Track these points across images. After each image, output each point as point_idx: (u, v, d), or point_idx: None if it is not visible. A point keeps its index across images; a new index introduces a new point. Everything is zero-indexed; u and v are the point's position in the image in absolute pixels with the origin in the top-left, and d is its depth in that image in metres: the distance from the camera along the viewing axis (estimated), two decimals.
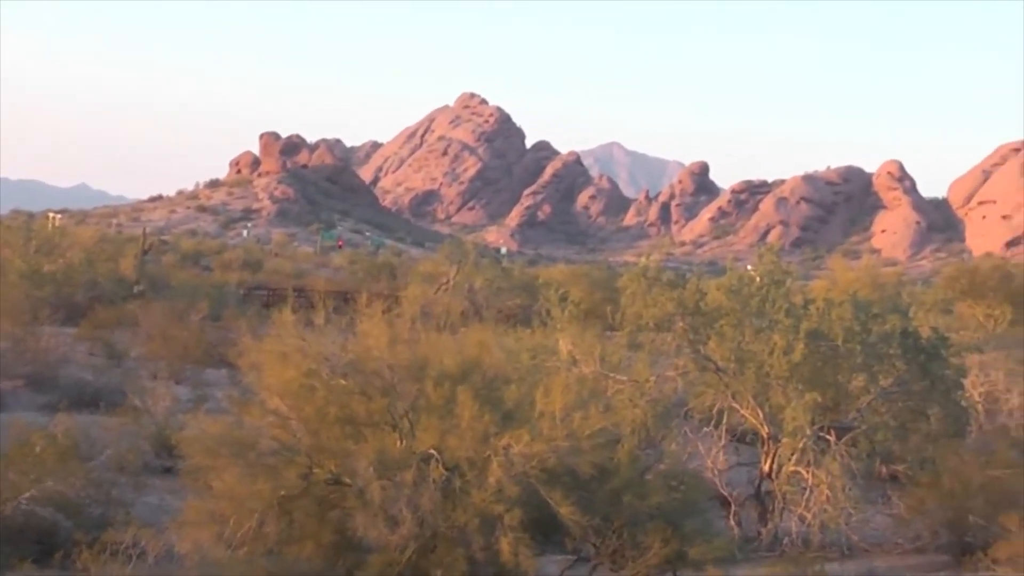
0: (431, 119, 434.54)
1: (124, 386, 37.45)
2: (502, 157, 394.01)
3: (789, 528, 27.35)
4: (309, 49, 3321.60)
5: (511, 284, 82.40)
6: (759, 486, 29.15)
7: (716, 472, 28.71)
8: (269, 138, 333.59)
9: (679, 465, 24.91)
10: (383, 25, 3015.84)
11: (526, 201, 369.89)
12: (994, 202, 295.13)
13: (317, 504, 19.84)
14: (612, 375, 30.44)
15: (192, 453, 20.76)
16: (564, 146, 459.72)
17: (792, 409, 27.35)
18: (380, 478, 18.91)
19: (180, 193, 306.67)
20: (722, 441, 29.62)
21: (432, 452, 19.21)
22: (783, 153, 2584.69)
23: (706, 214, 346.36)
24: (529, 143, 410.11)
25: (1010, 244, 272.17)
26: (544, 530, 19.97)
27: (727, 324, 29.51)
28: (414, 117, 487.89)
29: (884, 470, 32.20)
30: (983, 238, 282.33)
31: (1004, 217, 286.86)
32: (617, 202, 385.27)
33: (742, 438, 31.26)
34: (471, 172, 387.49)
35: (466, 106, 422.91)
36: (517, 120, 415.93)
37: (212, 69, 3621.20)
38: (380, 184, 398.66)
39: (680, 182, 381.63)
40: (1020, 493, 26.86)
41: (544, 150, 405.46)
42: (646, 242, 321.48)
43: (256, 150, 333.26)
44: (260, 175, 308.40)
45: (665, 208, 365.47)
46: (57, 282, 65.97)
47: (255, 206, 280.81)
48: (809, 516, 26.82)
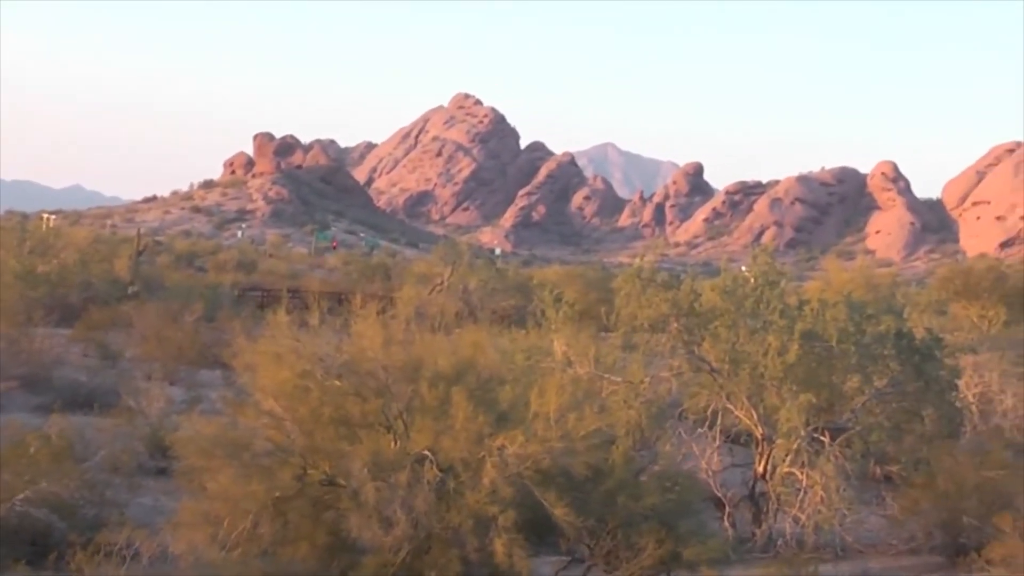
0: (425, 120, 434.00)
1: (118, 387, 37.45)
2: (496, 158, 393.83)
3: (783, 529, 27.38)
4: (303, 50, 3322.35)
5: (505, 285, 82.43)
6: (753, 487, 29.17)
7: (710, 473, 28.74)
8: (263, 139, 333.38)
9: (673, 466, 24.95)
10: (378, 26, 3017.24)
11: (520, 202, 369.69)
12: (988, 203, 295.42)
13: (311, 505, 19.85)
14: (607, 376, 30.46)
15: (186, 454, 20.76)
16: (558, 147, 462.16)
17: (786, 410, 27.37)
18: (374, 479, 18.92)
19: (174, 194, 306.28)
20: (716, 442, 29.64)
21: (426, 453, 19.22)
22: (777, 154, 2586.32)
23: (700, 215, 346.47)
24: (523, 144, 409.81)
25: (1004, 245, 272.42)
26: (538, 531, 19.99)
27: (722, 325, 29.53)
28: (408, 118, 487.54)
29: (878, 471, 32.29)
30: (977, 239, 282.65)
31: (998, 218, 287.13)
32: (611, 203, 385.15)
33: (736, 439, 31.28)
34: (465, 173, 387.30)
35: (460, 107, 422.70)
36: (511, 121, 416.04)
37: (207, 70, 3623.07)
38: (374, 185, 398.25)
39: (674, 183, 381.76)
40: (1014, 494, 26.94)
41: (538, 151, 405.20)
42: (640, 243, 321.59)
43: (250, 151, 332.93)
44: (254, 176, 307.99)
45: (659, 209, 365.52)
46: (51, 283, 65.86)
47: (249, 207, 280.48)
48: (803, 517, 26.84)
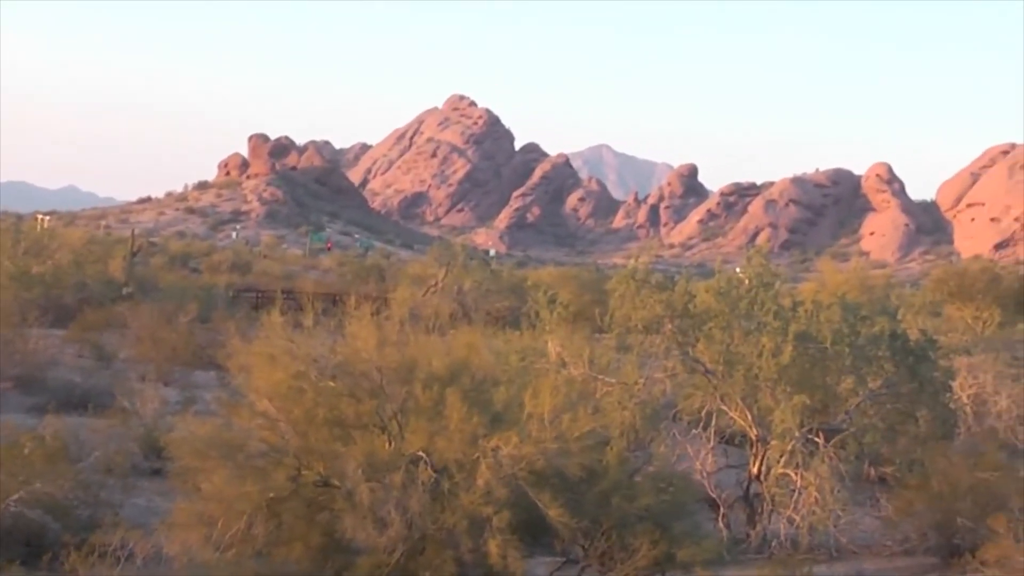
0: (420, 121, 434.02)
1: (113, 388, 37.44)
2: (491, 159, 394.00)
3: (778, 530, 27.37)
4: (299, 51, 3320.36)
5: (500, 286, 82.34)
6: (748, 488, 29.16)
7: (705, 474, 28.74)
8: (258, 140, 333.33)
9: (668, 467, 24.91)
10: (373, 27, 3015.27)
11: (515, 203, 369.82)
12: (983, 204, 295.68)
13: (306, 506, 19.84)
14: (601, 377, 30.44)
15: (181, 455, 20.75)
16: (553, 148, 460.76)
17: (781, 411, 27.37)
18: (369, 480, 18.92)
19: (169, 195, 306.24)
20: (711, 443, 29.63)
21: (421, 454, 19.22)
22: (772, 155, 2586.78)
23: (695, 216, 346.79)
24: (518, 145, 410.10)
25: (999, 246, 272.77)
26: (533, 532, 19.98)
27: (716, 326, 29.53)
28: (403, 119, 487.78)
29: (872, 472, 32.26)
30: (972, 240, 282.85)
31: (993, 219, 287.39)
32: (606, 204, 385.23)
33: (731, 440, 31.28)
34: (460, 174, 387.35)
35: (455, 108, 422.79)
36: (506, 122, 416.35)
37: (202, 71, 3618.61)
38: (369, 186, 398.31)
39: (669, 184, 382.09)
40: (1008, 495, 26.95)
41: (533, 152, 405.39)
42: (635, 244, 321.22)
43: (245, 152, 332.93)
44: (249, 177, 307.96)
45: (654, 210, 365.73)
46: (46, 284, 65.76)
47: (244, 208, 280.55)
48: (798, 518, 26.84)
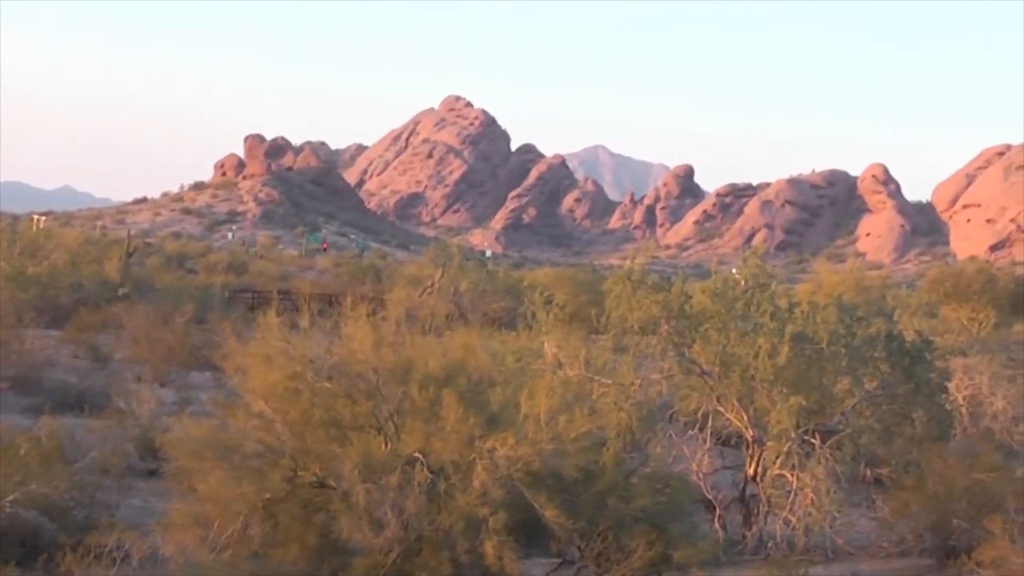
0: (416, 122, 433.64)
1: (109, 389, 37.39)
2: (487, 160, 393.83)
3: (774, 531, 27.38)
4: (294, 52, 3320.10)
5: (496, 287, 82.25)
6: (744, 489, 29.17)
7: (701, 475, 28.74)
8: (254, 140, 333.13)
9: (664, 468, 24.93)
10: (369, 27, 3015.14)
11: (511, 204, 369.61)
12: (978, 205, 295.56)
13: (302, 507, 19.83)
14: (597, 378, 30.44)
15: (177, 456, 20.74)
16: (549, 149, 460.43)
17: (777, 412, 27.38)
18: (365, 481, 18.90)
19: (165, 195, 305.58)
20: (707, 444, 29.63)
21: (417, 455, 19.21)
22: (768, 156, 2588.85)
23: (691, 217, 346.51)
24: (514, 146, 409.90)
25: (994, 248, 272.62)
26: (529, 533, 19.98)
27: (712, 327, 29.52)
28: (399, 120, 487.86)
29: (868, 473, 32.30)
30: (967, 241, 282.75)
31: (988, 221, 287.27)
32: (602, 205, 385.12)
33: (727, 441, 31.30)
34: (456, 175, 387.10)
35: (451, 109, 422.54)
36: (502, 123, 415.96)
37: (198, 72, 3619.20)
38: (365, 187, 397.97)
39: (665, 185, 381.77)
40: (1004, 496, 26.96)
41: (529, 153, 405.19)
42: (631, 245, 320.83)
43: (241, 152, 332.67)
44: (245, 177, 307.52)
45: (650, 211, 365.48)
46: (41, 284, 65.67)
47: (240, 208, 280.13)
48: (794, 519, 26.85)
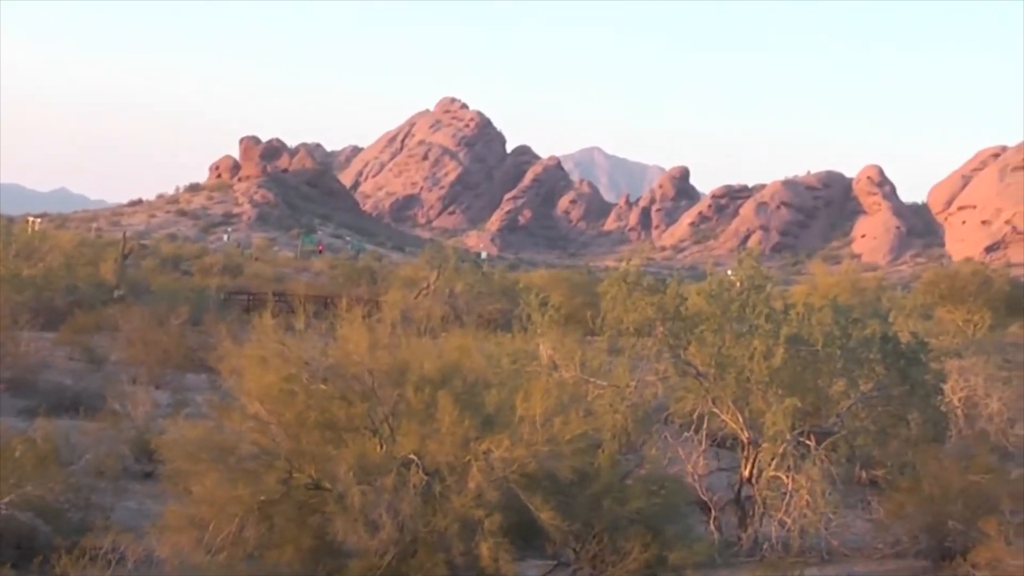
0: (412, 124, 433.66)
1: (104, 391, 37.34)
2: (482, 162, 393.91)
3: (769, 533, 27.36)
4: (290, 54, 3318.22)
5: (491, 289, 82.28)
6: (739, 491, 29.15)
7: (696, 477, 28.72)
8: (249, 142, 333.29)
9: (659, 470, 24.94)
10: (364, 29, 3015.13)
11: (507, 206, 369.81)
12: (974, 207, 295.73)
13: (297, 509, 19.81)
14: (592, 380, 30.42)
15: (172, 458, 20.71)
16: (545, 151, 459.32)
17: (772, 414, 27.35)
18: (360, 483, 18.89)
19: (160, 197, 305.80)
20: (702, 446, 29.62)
21: (412, 457, 19.19)
22: (763, 158, 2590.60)
23: (686, 219, 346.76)
24: (510, 148, 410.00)
25: (989, 249, 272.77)
26: (524, 535, 19.96)
27: (707, 329, 29.50)
28: (395, 122, 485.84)
29: (864, 475, 32.30)
30: (963, 243, 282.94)
31: (984, 222, 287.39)
32: (598, 207, 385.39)
33: (722, 443, 31.29)
34: (452, 177, 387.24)
35: (446, 111, 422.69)
36: (498, 124, 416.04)
37: (194, 73, 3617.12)
38: (360, 189, 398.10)
39: (660, 187, 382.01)
40: (999, 498, 26.97)
41: (525, 155, 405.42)
42: (627, 247, 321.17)
43: (236, 154, 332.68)
44: (240, 179, 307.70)
45: (646, 213, 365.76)
46: (37, 286, 65.55)
47: (235, 210, 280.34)
48: (789, 521, 26.83)
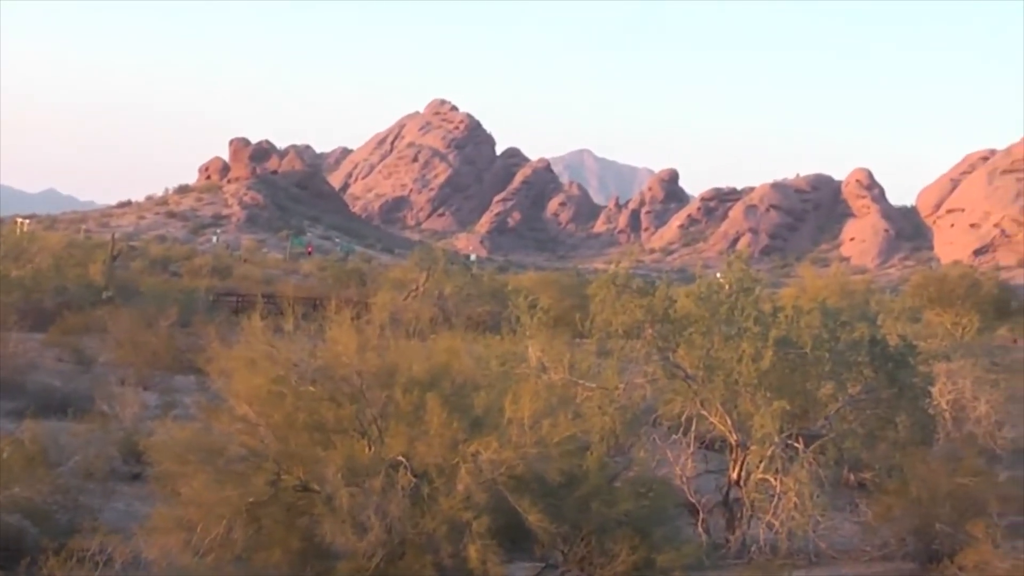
0: (401, 125, 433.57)
1: (92, 392, 37.27)
2: (472, 164, 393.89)
3: (757, 535, 27.36)
4: (280, 55, 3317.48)
5: (481, 291, 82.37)
6: (727, 493, 29.17)
7: (684, 479, 28.73)
8: (239, 144, 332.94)
9: (648, 472, 24.94)
10: (354, 31, 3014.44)
11: (496, 208, 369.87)
12: (962, 210, 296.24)
13: (285, 511, 19.78)
14: (581, 382, 30.42)
15: (160, 459, 20.67)
16: (534, 153, 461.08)
17: (760, 416, 27.36)
18: (348, 485, 18.86)
19: (149, 199, 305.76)
20: (691, 448, 29.62)
21: (401, 459, 19.17)
22: (753, 161, 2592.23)
23: (676, 221, 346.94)
24: (499, 150, 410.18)
25: (978, 252, 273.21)
26: (512, 537, 19.95)
27: (696, 331, 29.49)
28: (384, 123, 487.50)
29: (852, 477, 32.33)
30: (951, 246, 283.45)
31: (972, 225, 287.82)
32: (587, 209, 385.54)
33: (711, 445, 31.30)
34: (441, 179, 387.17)
35: (436, 112, 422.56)
36: (487, 127, 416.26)
37: (183, 75, 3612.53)
38: (350, 190, 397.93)
39: (650, 189, 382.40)
40: (987, 500, 27.01)
41: (514, 157, 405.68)
42: (616, 249, 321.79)
43: (225, 156, 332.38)
44: (230, 181, 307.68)
45: (635, 215, 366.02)
46: (25, 288, 65.57)
47: (224, 212, 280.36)
48: (777, 523, 26.83)
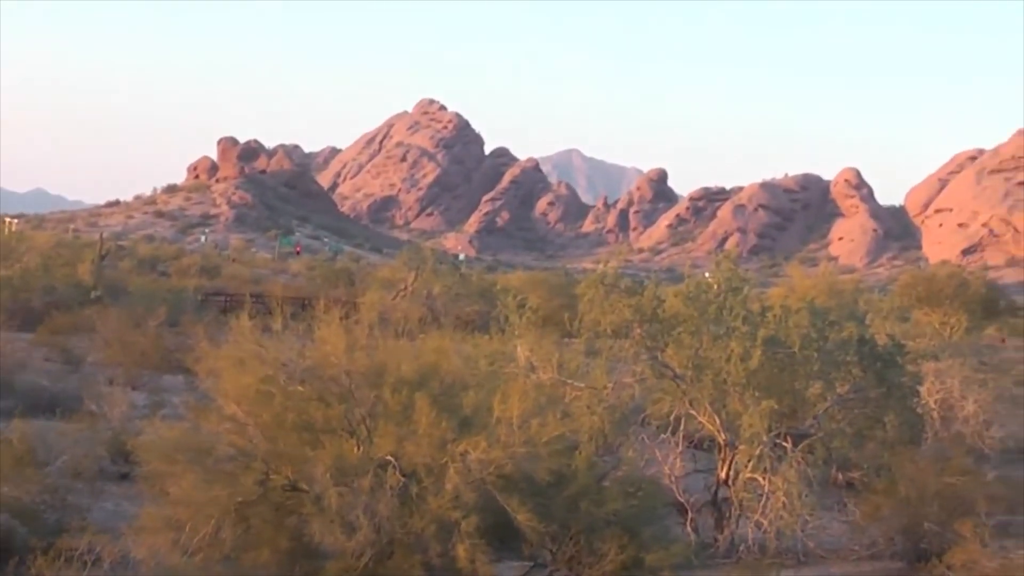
0: (390, 125, 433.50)
1: (81, 392, 37.22)
2: (461, 163, 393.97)
3: (746, 534, 27.36)
4: (268, 54, 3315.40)
5: (469, 290, 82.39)
6: (716, 493, 29.18)
7: (673, 479, 28.72)
8: (227, 143, 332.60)
9: (636, 472, 24.92)
10: (342, 31, 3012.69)
11: (484, 207, 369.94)
12: (950, 210, 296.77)
13: (274, 510, 19.78)
14: (570, 382, 30.39)
15: (149, 459, 20.66)
16: (523, 152, 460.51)
17: (749, 416, 27.37)
18: (337, 484, 18.86)
19: (137, 198, 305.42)
20: (679, 448, 29.61)
21: (389, 458, 19.17)
22: (741, 160, 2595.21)
23: (664, 221, 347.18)
24: (488, 149, 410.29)
25: (966, 252, 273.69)
26: (501, 536, 19.96)
27: (685, 331, 29.48)
28: (373, 123, 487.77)
29: (840, 477, 32.35)
30: (939, 246, 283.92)
31: (960, 225, 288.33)
32: (575, 209, 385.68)
33: (699, 445, 31.32)
34: (430, 178, 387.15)
35: (425, 112, 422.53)
36: (476, 126, 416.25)
37: (171, 74, 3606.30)
38: (338, 190, 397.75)
39: (638, 189, 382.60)
40: (975, 500, 27.04)
41: (503, 156, 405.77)
42: (604, 249, 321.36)
43: (214, 155, 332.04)
44: (218, 180, 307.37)
45: (623, 215, 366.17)
46: (13, 287, 65.53)
47: (213, 211, 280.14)
48: (765, 523, 26.85)
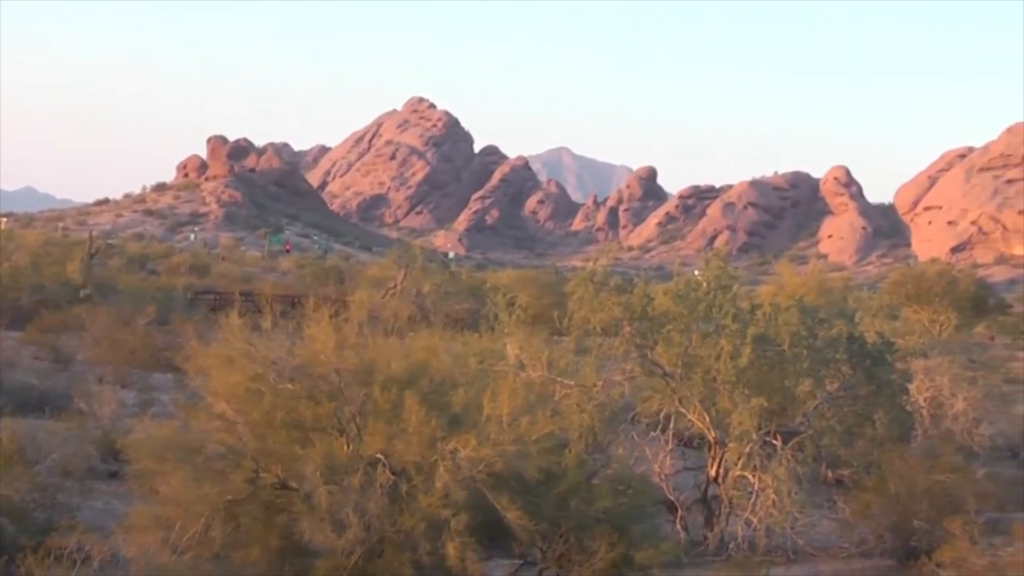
0: (379, 123, 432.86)
1: (70, 390, 37.23)
2: (450, 162, 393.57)
3: (735, 532, 27.41)
4: (257, 52, 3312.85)
5: (459, 289, 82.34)
6: (706, 490, 29.22)
7: (663, 476, 28.77)
8: (216, 142, 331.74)
9: (626, 470, 24.97)
10: (331, 29, 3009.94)
11: (474, 206, 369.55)
12: (940, 208, 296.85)
13: (264, 509, 19.79)
14: (560, 380, 30.42)
15: (138, 457, 20.68)
16: (513, 151, 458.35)
17: (739, 414, 27.41)
18: (327, 483, 18.88)
19: (127, 197, 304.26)
20: (669, 446, 29.66)
21: (379, 457, 19.19)
22: (731, 158, 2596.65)
23: (654, 219, 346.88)
24: (477, 148, 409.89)
25: (955, 250, 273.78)
26: (491, 534, 19.99)
27: (674, 329, 29.52)
28: (362, 121, 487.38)
29: (830, 474, 32.39)
30: (929, 243, 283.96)
31: (949, 223, 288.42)
32: (565, 207, 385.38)
33: (689, 443, 31.37)
34: (419, 176, 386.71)
35: (414, 110, 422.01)
36: (465, 124, 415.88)
37: (160, 72, 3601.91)
38: (328, 188, 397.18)
39: (628, 187, 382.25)
40: (964, 497, 27.12)
41: (492, 155, 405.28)
42: (594, 247, 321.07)
43: (203, 153, 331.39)
44: (207, 179, 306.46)
45: (613, 213, 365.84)
46: (2, 286, 65.38)
47: (202, 210, 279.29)
48: (755, 520, 26.90)
